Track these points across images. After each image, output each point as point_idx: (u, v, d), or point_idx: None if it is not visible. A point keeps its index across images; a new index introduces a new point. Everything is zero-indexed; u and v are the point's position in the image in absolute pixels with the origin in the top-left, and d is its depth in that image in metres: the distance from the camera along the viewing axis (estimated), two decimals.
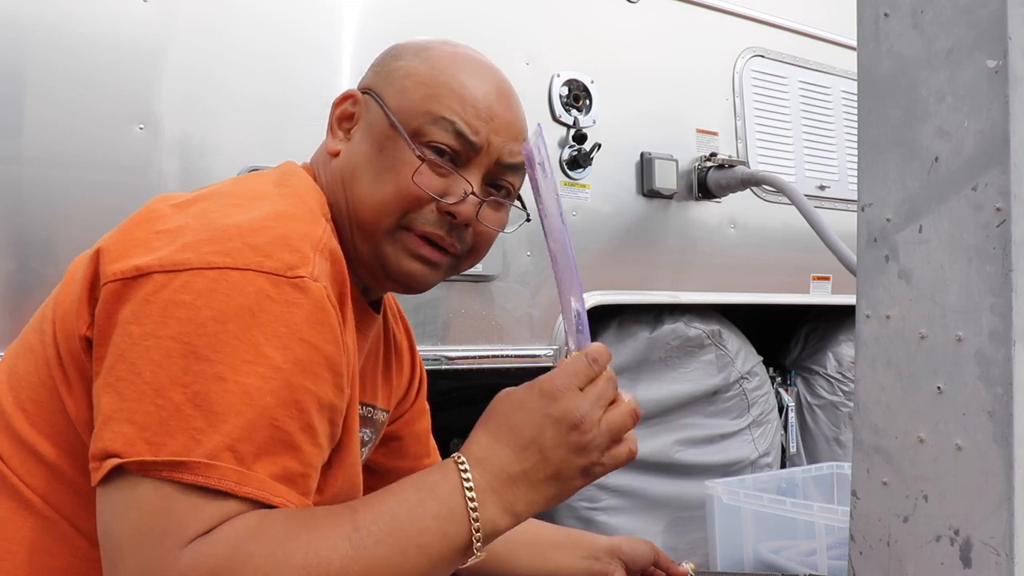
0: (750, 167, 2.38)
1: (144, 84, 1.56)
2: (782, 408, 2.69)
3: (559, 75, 2.06)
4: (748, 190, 2.39)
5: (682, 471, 2.29)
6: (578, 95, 2.09)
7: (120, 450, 0.69)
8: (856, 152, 0.93)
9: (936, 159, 0.85)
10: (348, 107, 0.98)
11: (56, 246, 1.47)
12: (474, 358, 1.90)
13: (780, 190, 2.21)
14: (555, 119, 2.05)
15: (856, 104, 0.93)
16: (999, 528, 0.78)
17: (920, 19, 0.86)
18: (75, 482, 0.80)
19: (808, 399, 2.80)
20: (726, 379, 2.39)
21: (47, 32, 1.47)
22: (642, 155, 2.21)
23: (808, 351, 2.86)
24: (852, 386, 2.70)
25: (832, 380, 2.76)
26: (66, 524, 0.81)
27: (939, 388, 0.84)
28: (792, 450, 2.70)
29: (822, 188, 2.62)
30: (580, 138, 2.06)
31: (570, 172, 2.07)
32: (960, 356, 0.82)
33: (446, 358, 1.85)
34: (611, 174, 2.16)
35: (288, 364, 0.73)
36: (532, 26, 2.06)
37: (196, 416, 0.69)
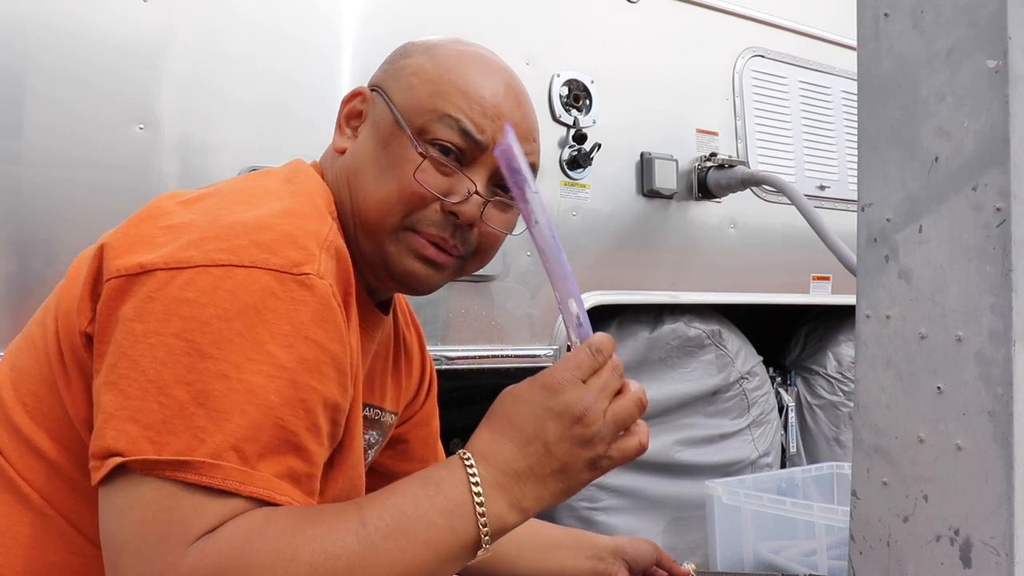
0: (750, 167, 2.38)
1: (144, 85, 1.56)
2: (782, 408, 2.69)
3: (559, 75, 2.06)
4: (748, 190, 2.39)
5: (682, 471, 2.29)
6: (578, 95, 2.09)
7: (123, 449, 0.68)
8: (856, 152, 0.93)
9: (936, 159, 0.85)
10: (356, 104, 0.96)
11: (56, 246, 1.47)
12: (474, 358, 1.90)
13: (780, 190, 2.21)
14: (555, 119, 2.05)
15: (856, 104, 0.93)
16: (999, 528, 0.78)
17: (920, 19, 0.86)
18: (73, 479, 0.80)
19: (808, 399, 2.80)
20: (726, 379, 2.39)
21: (47, 33, 1.47)
22: (642, 155, 2.21)
23: (808, 351, 2.86)
24: (852, 386, 2.69)
25: (832, 380, 2.76)
26: (63, 521, 0.80)
27: (939, 388, 0.84)
28: (792, 450, 2.70)
29: (822, 188, 2.62)
30: (580, 138, 2.06)
31: (570, 172, 2.07)
32: (960, 356, 0.82)
33: (446, 358, 1.85)
34: (611, 174, 2.16)
35: (293, 363, 0.72)
36: (532, 26, 2.06)
37: (200, 414, 0.69)
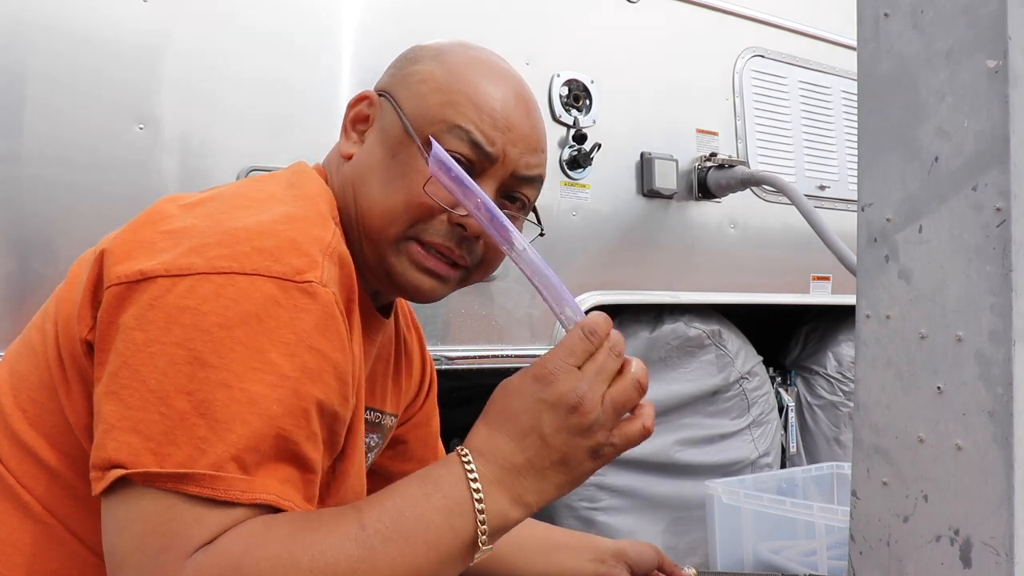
0: (750, 167, 2.38)
1: (144, 85, 1.56)
2: (782, 408, 2.69)
3: (559, 75, 2.06)
4: (748, 190, 2.39)
5: (682, 471, 2.29)
6: (578, 95, 2.09)
7: (125, 460, 0.68)
8: (856, 152, 0.93)
9: (936, 159, 0.85)
10: (363, 109, 0.95)
11: (56, 246, 1.47)
12: (474, 358, 1.90)
13: (780, 190, 2.21)
14: (555, 119, 2.05)
15: (856, 104, 0.93)
16: (999, 528, 0.78)
17: (920, 19, 0.86)
18: (73, 486, 0.79)
19: (808, 399, 2.80)
20: (726, 379, 2.39)
21: (47, 33, 1.47)
22: (642, 155, 2.21)
23: (808, 351, 2.86)
24: (852, 386, 2.69)
25: (832, 380, 2.76)
26: (63, 528, 0.79)
27: (939, 388, 0.84)
28: (792, 450, 2.70)
29: (822, 188, 2.62)
30: (580, 138, 2.06)
31: (570, 172, 2.07)
32: (960, 356, 0.82)
33: (446, 358, 1.85)
34: (611, 174, 2.16)
35: (296, 372, 0.71)
36: (532, 26, 2.06)
37: (201, 425, 0.68)
